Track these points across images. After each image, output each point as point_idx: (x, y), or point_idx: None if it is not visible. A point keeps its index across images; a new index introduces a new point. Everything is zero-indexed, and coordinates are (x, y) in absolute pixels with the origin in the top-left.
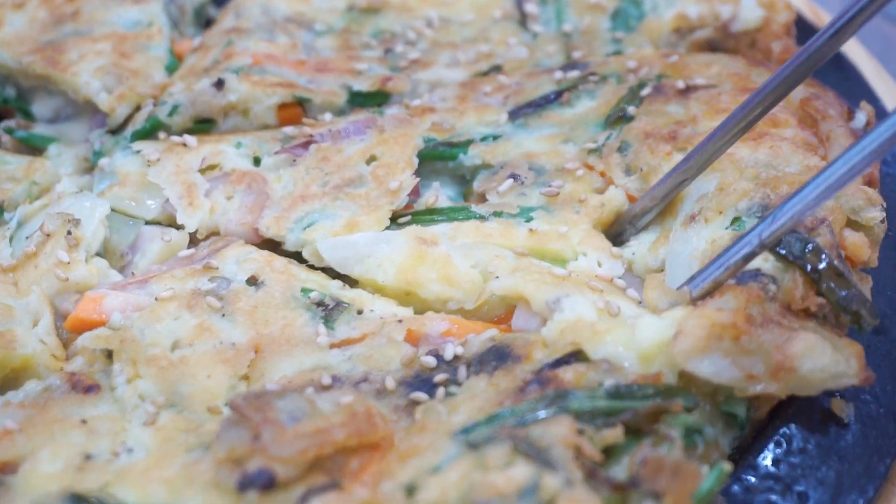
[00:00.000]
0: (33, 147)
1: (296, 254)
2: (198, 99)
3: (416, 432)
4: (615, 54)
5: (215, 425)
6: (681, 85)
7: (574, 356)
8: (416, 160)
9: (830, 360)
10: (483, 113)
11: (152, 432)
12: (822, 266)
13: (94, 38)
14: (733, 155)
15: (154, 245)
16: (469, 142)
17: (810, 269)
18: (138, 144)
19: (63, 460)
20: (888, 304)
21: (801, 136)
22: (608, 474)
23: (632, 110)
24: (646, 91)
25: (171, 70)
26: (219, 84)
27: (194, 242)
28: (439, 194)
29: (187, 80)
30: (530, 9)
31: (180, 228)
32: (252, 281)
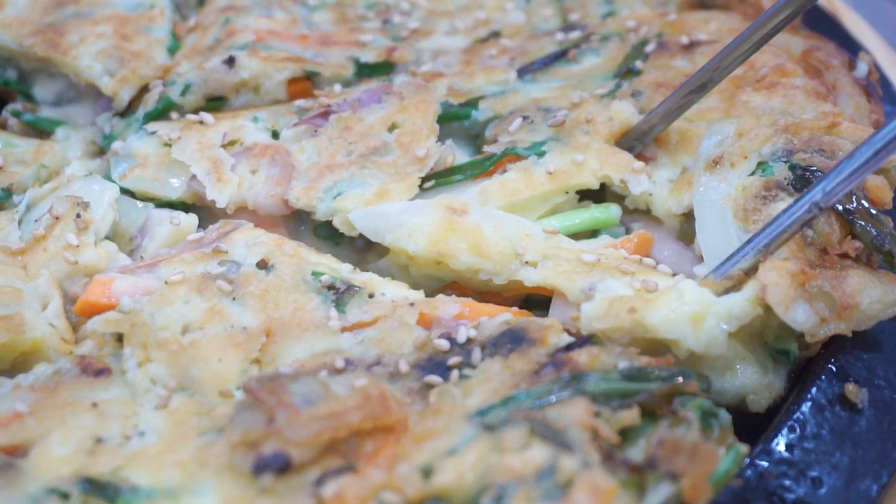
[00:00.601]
0: (41, 130)
1: (307, 235)
2: (210, 77)
3: (431, 415)
4: (609, 14)
5: (228, 409)
6: (684, 41)
7: (588, 339)
8: (437, 126)
9: (882, 292)
10: (492, 73)
11: (164, 416)
12: (853, 207)
13: (95, 21)
14: (748, 102)
15: (163, 228)
16: (480, 98)
17: (843, 210)
18: (153, 125)
19: (74, 443)
20: None
21: (811, 84)
22: (625, 456)
23: (639, 65)
24: (650, 47)
25: (172, 52)
26: (230, 62)
27: (202, 227)
28: (455, 153)
29: (192, 59)
30: None
31: (203, 207)
32: (262, 264)
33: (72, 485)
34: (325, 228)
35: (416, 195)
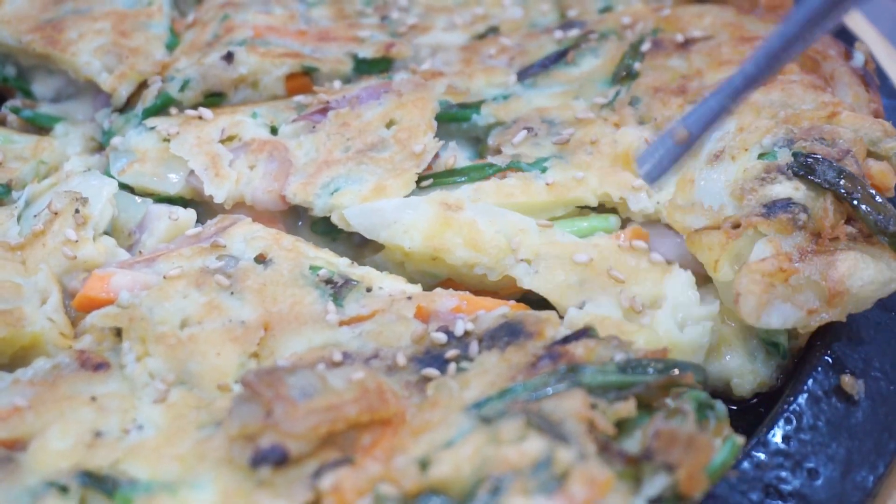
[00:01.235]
0: (39, 126)
1: (304, 231)
2: (208, 73)
3: (428, 408)
4: (606, 10)
5: (226, 403)
6: (679, 38)
7: (584, 332)
8: (435, 123)
9: (875, 270)
10: (491, 74)
11: (163, 409)
12: (857, 192)
13: (93, 17)
14: (747, 98)
15: (161, 224)
16: (481, 102)
17: (845, 193)
18: (152, 121)
19: (73, 437)
20: None
21: (808, 79)
22: (621, 447)
23: (636, 66)
24: (646, 46)
25: (171, 48)
26: (228, 57)
27: (200, 222)
28: (457, 154)
29: (191, 55)
30: None
31: (202, 203)
32: (260, 259)
33: (71, 478)
34: (323, 224)
35: (412, 192)
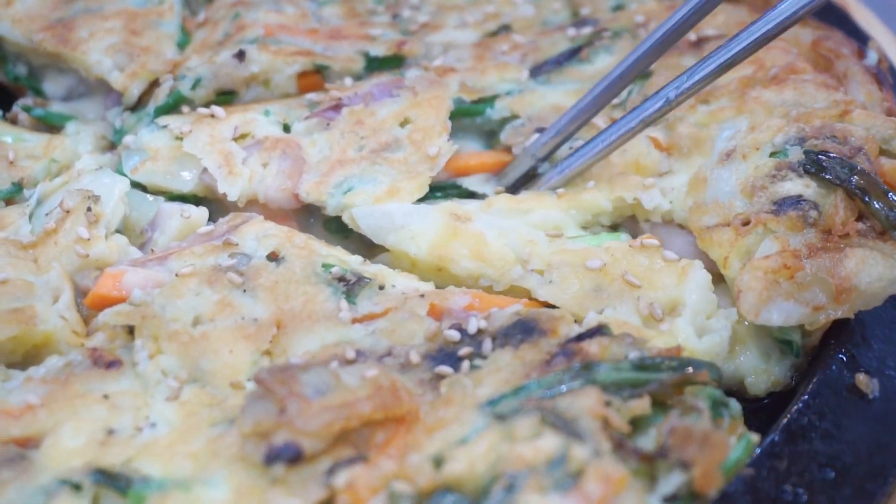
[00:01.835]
0: (51, 125)
1: (316, 229)
2: (220, 71)
3: (442, 405)
4: (618, 8)
5: (239, 400)
6: (692, 37)
7: (599, 330)
8: (450, 124)
9: (884, 267)
10: (504, 70)
11: (175, 407)
12: (869, 188)
13: (104, 16)
14: (759, 98)
15: (173, 222)
16: (495, 97)
17: (857, 190)
18: (164, 119)
19: (85, 435)
20: None
21: (821, 78)
22: (636, 445)
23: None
24: None
25: (182, 47)
26: (240, 55)
27: (212, 220)
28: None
29: (202, 53)
30: None
31: (214, 200)
32: (272, 257)
33: (84, 476)
34: (335, 222)
35: (425, 198)
